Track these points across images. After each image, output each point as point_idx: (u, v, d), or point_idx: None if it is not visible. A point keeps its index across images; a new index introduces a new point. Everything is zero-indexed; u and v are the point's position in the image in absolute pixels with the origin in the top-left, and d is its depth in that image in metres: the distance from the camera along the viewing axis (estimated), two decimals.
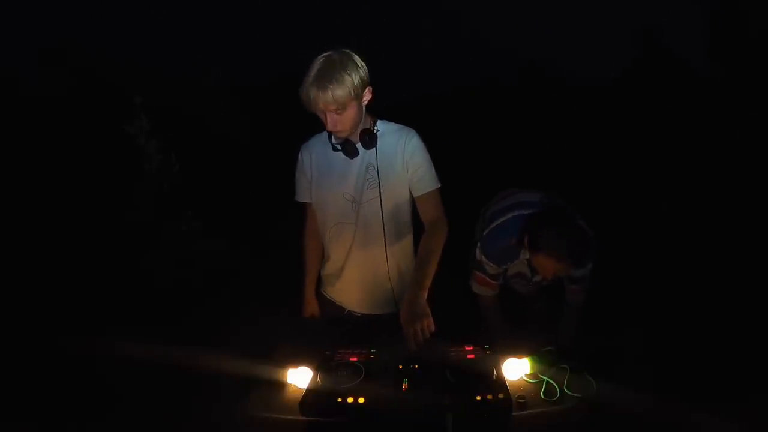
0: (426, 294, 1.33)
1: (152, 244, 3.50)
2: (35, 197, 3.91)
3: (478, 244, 1.80)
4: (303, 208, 1.68)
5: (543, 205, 1.73)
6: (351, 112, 1.38)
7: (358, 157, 1.47)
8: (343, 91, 1.32)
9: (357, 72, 1.35)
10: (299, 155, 1.61)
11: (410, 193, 1.53)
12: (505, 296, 1.97)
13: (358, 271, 1.60)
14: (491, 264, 1.75)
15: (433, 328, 1.27)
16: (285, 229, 1.91)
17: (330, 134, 1.50)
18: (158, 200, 3.63)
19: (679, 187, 4.24)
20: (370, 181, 1.48)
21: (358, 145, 1.46)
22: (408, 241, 1.62)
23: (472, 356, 1.28)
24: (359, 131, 1.45)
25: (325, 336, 1.59)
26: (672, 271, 3.02)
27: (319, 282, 1.76)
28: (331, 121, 1.36)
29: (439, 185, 1.52)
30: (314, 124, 1.59)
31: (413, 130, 1.53)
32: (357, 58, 1.37)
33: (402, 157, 1.48)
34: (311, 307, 1.74)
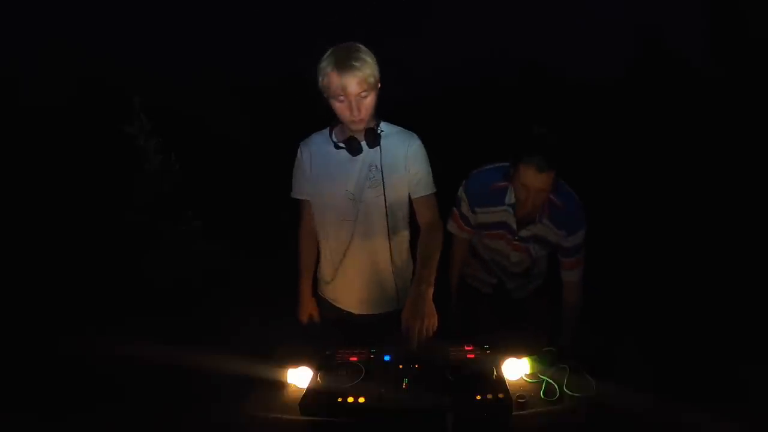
0: (432, 291, 1.33)
1: (152, 244, 3.51)
2: (36, 197, 3.91)
3: (464, 182, 1.77)
4: (300, 206, 1.67)
5: None
6: (371, 100, 1.38)
7: (360, 156, 1.47)
8: (371, 70, 1.33)
9: (374, 61, 1.36)
10: (298, 151, 1.60)
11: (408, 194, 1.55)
12: (506, 299, 1.96)
13: (356, 270, 1.60)
14: (465, 200, 1.74)
15: (436, 327, 1.27)
16: (284, 229, 1.91)
17: (332, 132, 1.52)
18: (158, 200, 3.63)
19: (679, 187, 4.24)
20: (372, 181, 1.48)
21: (363, 143, 1.46)
22: (406, 240, 1.63)
23: (472, 356, 1.28)
24: (363, 130, 1.45)
25: (326, 338, 1.58)
26: (672, 271, 3.03)
27: (314, 284, 1.75)
28: (356, 106, 1.35)
29: (435, 190, 1.55)
30: (316, 123, 1.59)
31: (415, 134, 1.54)
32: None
33: (405, 160, 1.49)
34: (309, 308, 1.73)
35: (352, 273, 1.61)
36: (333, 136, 1.51)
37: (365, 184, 1.49)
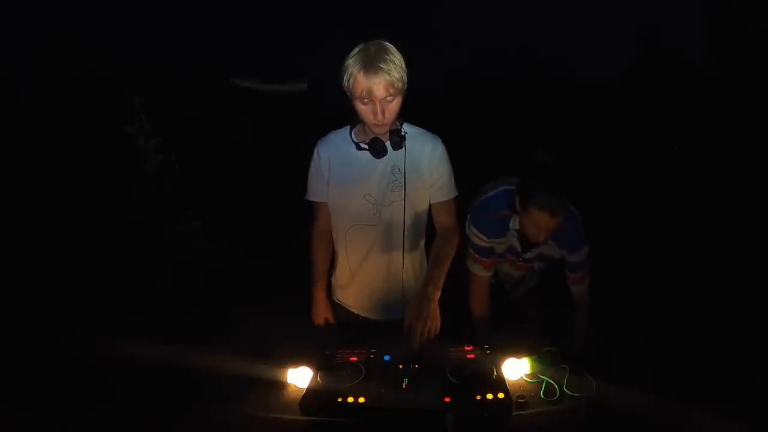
0: (439, 294, 1.32)
1: (152, 244, 3.51)
2: (36, 197, 3.91)
3: (468, 216, 1.75)
4: (314, 208, 1.59)
5: None
6: (397, 104, 1.33)
7: (384, 158, 1.41)
8: (399, 74, 1.27)
9: (402, 62, 1.30)
10: (315, 152, 1.51)
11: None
12: (497, 301, 1.96)
13: (372, 275, 1.55)
14: (480, 235, 1.70)
15: (438, 331, 1.27)
16: (285, 229, 1.90)
17: (352, 131, 1.46)
18: (158, 200, 3.63)
19: (679, 186, 4.24)
20: (394, 184, 1.44)
21: (387, 144, 1.40)
22: (422, 246, 1.60)
23: (472, 356, 1.28)
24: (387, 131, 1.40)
25: (335, 341, 1.53)
26: (672, 271, 3.02)
27: (328, 287, 1.70)
28: (381, 110, 1.29)
29: (456, 194, 1.52)
30: (315, 123, 1.58)
31: (438, 136, 1.50)
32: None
33: (429, 164, 1.46)
34: (324, 311, 1.64)
35: (369, 278, 1.56)
36: (353, 135, 1.45)
37: (387, 187, 1.44)
